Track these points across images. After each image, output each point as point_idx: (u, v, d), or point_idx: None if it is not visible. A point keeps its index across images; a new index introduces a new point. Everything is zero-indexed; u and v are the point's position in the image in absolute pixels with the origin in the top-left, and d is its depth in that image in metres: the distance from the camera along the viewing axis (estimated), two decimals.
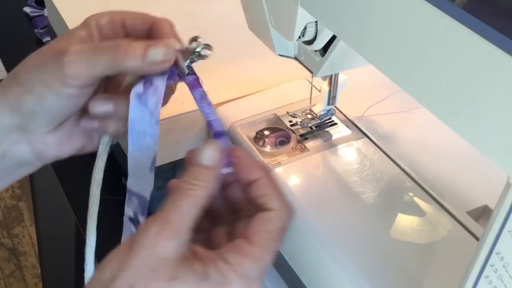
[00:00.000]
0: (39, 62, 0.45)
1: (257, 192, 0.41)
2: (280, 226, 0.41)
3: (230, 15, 0.80)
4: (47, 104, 0.45)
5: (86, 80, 0.44)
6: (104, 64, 0.44)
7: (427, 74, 0.34)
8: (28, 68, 0.45)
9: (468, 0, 0.31)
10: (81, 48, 0.44)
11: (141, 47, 0.45)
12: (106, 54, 0.44)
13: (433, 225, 0.49)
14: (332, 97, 0.58)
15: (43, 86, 0.44)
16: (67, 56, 0.44)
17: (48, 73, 0.44)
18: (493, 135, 0.30)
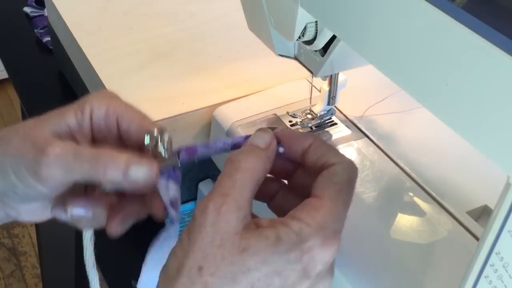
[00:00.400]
0: (18, 150, 0.43)
1: (314, 156, 0.41)
2: (347, 177, 0.41)
3: (230, 15, 0.80)
4: (19, 193, 0.43)
5: (61, 183, 0.43)
6: (82, 174, 0.42)
7: (427, 74, 0.34)
8: (7, 149, 0.43)
9: (468, 0, 0.31)
10: (62, 152, 0.42)
11: (123, 163, 0.42)
12: (86, 164, 0.42)
13: (433, 225, 0.49)
14: (332, 97, 0.58)
15: (17, 177, 0.43)
16: (46, 157, 0.42)
17: (23, 168, 0.42)
18: (493, 135, 0.30)
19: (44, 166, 0.41)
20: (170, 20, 0.79)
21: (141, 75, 0.69)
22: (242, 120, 0.61)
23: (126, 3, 0.83)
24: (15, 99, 2.39)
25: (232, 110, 0.63)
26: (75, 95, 0.85)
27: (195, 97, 0.65)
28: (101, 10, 0.81)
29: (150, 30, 0.77)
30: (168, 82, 0.68)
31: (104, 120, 0.45)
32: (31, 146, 0.42)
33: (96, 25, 0.78)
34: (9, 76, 0.93)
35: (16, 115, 2.35)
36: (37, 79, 0.91)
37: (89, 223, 0.45)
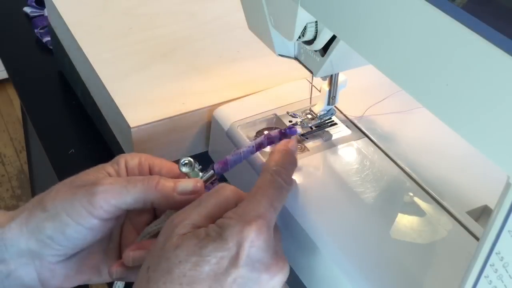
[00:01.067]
0: (68, 191, 0.46)
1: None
2: (269, 179, 0.46)
3: (230, 15, 0.80)
4: (67, 233, 0.46)
5: (113, 211, 0.46)
6: (135, 196, 0.46)
7: (427, 74, 0.34)
8: (57, 196, 0.47)
9: (468, 0, 0.31)
10: (114, 180, 0.47)
11: (171, 181, 0.48)
12: (138, 185, 0.46)
13: (433, 225, 0.49)
14: (332, 97, 0.58)
15: (68, 215, 0.45)
16: (100, 186, 0.45)
17: (77, 202, 0.45)
18: (493, 135, 0.30)
19: (99, 193, 0.45)
20: (170, 20, 0.79)
21: (141, 75, 0.69)
22: (242, 120, 0.61)
23: (126, 3, 0.83)
24: (15, 99, 2.39)
25: (232, 110, 0.63)
26: (75, 95, 0.85)
27: (195, 97, 0.65)
28: (101, 10, 0.81)
29: (150, 30, 0.77)
30: (168, 82, 0.68)
31: (138, 169, 0.50)
32: (81, 186, 0.46)
33: (96, 25, 0.78)
34: (9, 76, 0.93)
35: (16, 115, 2.35)
36: (37, 79, 0.90)
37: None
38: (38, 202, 0.47)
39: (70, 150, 0.76)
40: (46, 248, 0.46)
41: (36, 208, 0.47)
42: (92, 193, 0.45)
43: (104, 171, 0.49)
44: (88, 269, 0.49)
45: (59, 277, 0.48)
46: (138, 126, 0.62)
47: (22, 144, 2.18)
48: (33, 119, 0.84)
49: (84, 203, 0.45)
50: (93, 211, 0.45)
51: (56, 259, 0.47)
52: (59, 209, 0.46)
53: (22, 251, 0.46)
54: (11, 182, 2.11)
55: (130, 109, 0.63)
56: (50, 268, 0.48)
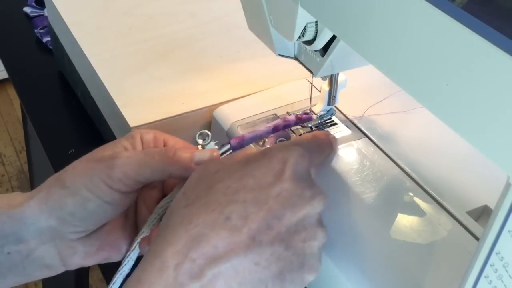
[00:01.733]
0: (86, 167, 0.46)
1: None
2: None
3: (230, 15, 0.80)
4: (89, 208, 0.46)
5: (132, 184, 0.46)
6: (154, 167, 0.46)
7: (427, 74, 0.34)
8: (75, 172, 0.47)
9: (468, 0, 0.31)
10: (132, 153, 0.47)
11: (188, 151, 0.48)
12: (156, 157, 0.46)
13: (433, 225, 0.49)
14: (332, 97, 0.58)
15: (88, 189, 0.45)
16: (119, 159, 0.45)
17: (96, 176, 0.45)
18: (493, 135, 0.30)
19: (117, 167, 0.45)
20: (170, 20, 0.79)
21: (141, 75, 0.69)
22: (242, 120, 0.61)
23: (126, 3, 0.83)
24: (15, 99, 2.39)
25: (232, 110, 0.63)
26: (75, 95, 0.85)
27: (195, 97, 0.65)
28: (101, 10, 0.81)
29: (150, 30, 0.77)
30: (168, 82, 0.68)
31: (153, 142, 0.50)
32: (99, 161, 0.46)
33: (96, 25, 0.78)
34: (9, 76, 0.93)
35: (16, 115, 2.36)
36: (37, 79, 0.91)
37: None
38: (56, 179, 0.47)
39: (70, 150, 0.76)
40: (67, 225, 0.46)
41: (55, 185, 0.46)
42: (111, 166, 0.45)
43: (120, 145, 0.49)
44: (108, 246, 0.49)
45: (80, 255, 0.48)
46: (138, 126, 0.62)
47: (22, 144, 2.18)
48: (33, 119, 0.84)
49: (103, 177, 0.45)
50: (113, 184, 0.45)
51: (76, 236, 0.47)
52: (79, 185, 0.45)
53: (42, 230, 0.46)
54: (11, 182, 2.11)
55: (130, 109, 0.63)
56: (70, 245, 0.48)
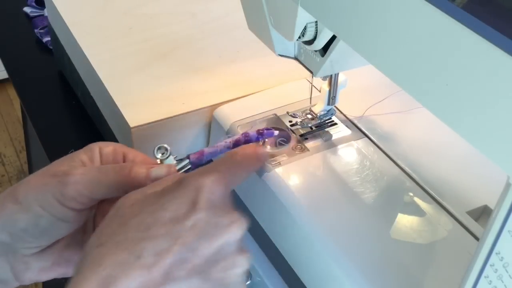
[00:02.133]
0: (40, 182, 0.45)
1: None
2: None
3: (230, 15, 0.80)
4: (41, 224, 0.45)
5: (86, 202, 0.45)
6: (108, 185, 0.45)
7: (427, 74, 0.34)
8: (29, 187, 0.45)
9: (468, 0, 0.31)
10: (86, 170, 0.45)
11: (144, 167, 0.46)
12: (111, 174, 0.45)
13: (433, 225, 0.49)
14: (332, 97, 0.58)
15: (41, 206, 0.44)
16: (72, 176, 0.44)
17: (49, 193, 0.44)
18: (493, 135, 0.30)
19: (70, 185, 0.44)
20: (170, 20, 0.79)
21: (141, 75, 0.69)
22: (242, 120, 0.61)
23: (126, 3, 0.83)
24: (15, 99, 2.39)
25: (232, 110, 0.63)
26: (75, 95, 0.85)
27: (195, 97, 0.65)
28: (101, 10, 0.81)
29: (150, 30, 0.77)
30: (168, 82, 0.68)
31: (112, 156, 0.49)
32: (53, 176, 0.45)
33: (96, 25, 0.78)
34: (9, 76, 0.93)
35: (16, 115, 2.36)
36: (37, 79, 0.90)
37: None
38: (10, 194, 0.45)
39: (70, 150, 0.76)
40: (19, 241, 0.45)
41: (9, 200, 0.45)
42: (64, 183, 0.44)
43: (77, 159, 0.47)
44: (64, 261, 0.48)
45: (34, 270, 0.47)
46: (138, 126, 0.62)
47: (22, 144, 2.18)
48: (33, 119, 0.84)
49: (56, 194, 0.44)
50: (66, 202, 0.44)
51: (30, 251, 0.46)
52: (31, 200, 0.44)
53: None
54: (11, 182, 2.11)
55: (130, 109, 0.63)
56: (24, 260, 0.46)
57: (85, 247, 0.40)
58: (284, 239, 0.53)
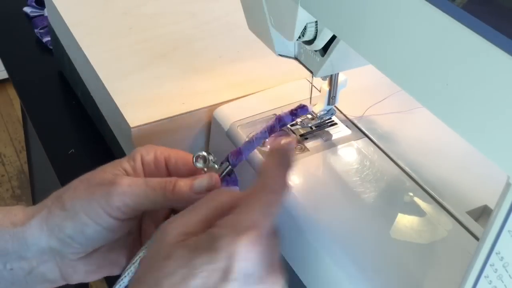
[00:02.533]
0: (87, 190, 0.46)
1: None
2: (263, 184, 0.43)
3: (230, 15, 0.80)
4: (87, 232, 0.46)
5: (131, 213, 0.46)
6: (155, 200, 0.46)
7: (427, 74, 0.34)
8: (75, 194, 0.46)
9: (468, 0, 0.31)
10: (132, 182, 0.46)
11: (187, 181, 0.46)
12: (157, 190, 0.46)
13: (433, 225, 0.49)
14: (332, 97, 0.58)
15: (87, 214, 0.45)
16: (119, 187, 0.45)
17: (95, 202, 0.45)
18: (493, 135, 0.30)
19: (116, 195, 0.45)
20: (170, 20, 0.79)
21: (141, 75, 0.69)
22: (242, 120, 0.61)
23: (126, 3, 0.83)
24: (15, 99, 2.39)
25: (232, 110, 0.63)
26: (75, 95, 0.85)
27: (195, 97, 0.65)
28: (101, 10, 0.81)
29: (150, 30, 0.77)
30: (168, 82, 0.68)
31: (153, 163, 0.50)
32: (99, 185, 0.46)
33: (96, 25, 0.78)
34: (9, 76, 0.93)
35: (16, 115, 2.36)
36: (37, 79, 0.91)
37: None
38: (57, 199, 0.47)
39: (70, 150, 0.76)
40: (66, 246, 0.46)
41: (56, 206, 0.46)
42: (110, 194, 0.45)
43: (120, 168, 0.48)
44: (109, 264, 0.50)
45: (81, 273, 0.49)
46: (138, 126, 0.62)
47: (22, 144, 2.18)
48: (33, 119, 0.84)
49: (102, 204, 0.45)
50: (111, 212, 0.45)
51: (76, 256, 0.48)
52: (78, 209, 0.45)
53: (43, 249, 0.47)
54: (11, 182, 2.11)
55: (130, 109, 0.63)
56: (71, 264, 0.48)
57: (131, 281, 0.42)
58: (284, 239, 0.53)
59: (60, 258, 0.47)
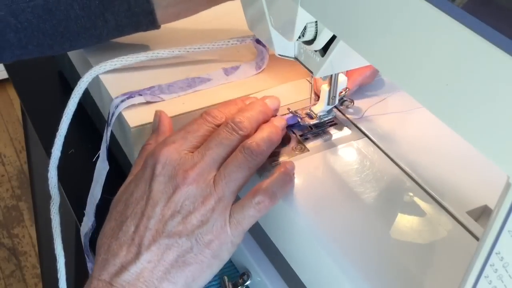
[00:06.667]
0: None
1: None
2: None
3: (230, 15, 0.80)
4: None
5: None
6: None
7: (427, 74, 0.34)
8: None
9: (468, 0, 0.31)
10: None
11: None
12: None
13: (433, 225, 0.49)
14: (332, 97, 0.58)
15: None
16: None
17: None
18: (493, 135, 0.30)
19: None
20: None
21: (141, 75, 0.69)
22: None
23: None
24: (15, 99, 2.40)
25: None
26: None
27: (195, 97, 0.65)
28: None
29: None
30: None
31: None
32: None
33: None
34: (9, 76, 0.93)
35: (16, 115, 2.36)
36: (37, 79, 0.91)
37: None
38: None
39: (70, 150, 0.76)
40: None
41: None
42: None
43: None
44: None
45: None
46: (138, 126, 0.62)
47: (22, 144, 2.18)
48: (33, 119, 0.84)
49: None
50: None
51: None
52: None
53: None
54: (11, 182, 2.11)
55: (130, 109, 0.63)
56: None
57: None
58: (284, 239, 0.53)
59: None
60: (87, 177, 0.63)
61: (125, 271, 0.46)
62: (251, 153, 0.50)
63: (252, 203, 0.49)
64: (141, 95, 0.63)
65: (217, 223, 0.48)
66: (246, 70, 0.68)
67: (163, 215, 0.48)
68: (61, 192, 0.67)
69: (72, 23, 0.63)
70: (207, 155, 0.50)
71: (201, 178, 0.49)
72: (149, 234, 0.47)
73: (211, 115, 0.54)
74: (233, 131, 0.52)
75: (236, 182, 0.50)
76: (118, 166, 0.73)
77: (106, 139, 0.60)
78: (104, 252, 0.48)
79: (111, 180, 0.61)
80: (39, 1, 0.61)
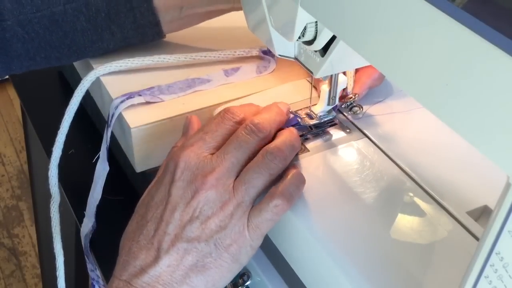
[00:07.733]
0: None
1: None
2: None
3: (230, 15, 0.80)
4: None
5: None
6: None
7: (427, 74, 0.34)
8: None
9: (468, 0, 0.31)
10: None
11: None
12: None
13: (433, 225, 0.49)
14: (332, 97, 0.58)
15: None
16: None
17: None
18: (493, 135, 0.30)
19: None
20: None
21: (141, 75, 0.69)
22: None
23: None
24: (15, 99, 2.40)
25: None
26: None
27: (195, 97, 0.65)
28: None
29: None
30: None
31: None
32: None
33: None
34: (9, 76, 0.93)
35: (16, 115, 2.36)
36: (37, 79, 0.91)
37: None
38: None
39: (70, 150, 0.76)
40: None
41: None
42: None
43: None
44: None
45: None
46: (138, 126, 0.62)
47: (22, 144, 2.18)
48: (33, 119, 0.84)
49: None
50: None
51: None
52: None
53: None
54: (11, 182, 2.12)
55: (130, 109, 0.63)
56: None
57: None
58: (284, 239, 0.53)
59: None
60: (87, 177, 0.63)
61: (144, 274, 0.47)
62: (273, 158, 0.50)
63: (270, 207, 0.49)
64: (140, 96, 0.63)
65: (236, 228, 0.48)
66: (246, 71, 0.68)
67: (181, 220, 0.48)
68: (61, 192, 0.67)
69: (78, 35, 0.63)
70: (226, 159, 0.50)
71: (220, 183, 0.49)
72: (168, 238, 0.48)
73: (230, 112, 0.53)
74: (251, 132, 0.51)
75: (256, 188, 0.49)
76: (118, 167, 0.73)
77: (106, 139, 0.60)
78: (125, 254, 0.49)
79: (111, 181, 0.61)
80: (46, 12, 0.61)
